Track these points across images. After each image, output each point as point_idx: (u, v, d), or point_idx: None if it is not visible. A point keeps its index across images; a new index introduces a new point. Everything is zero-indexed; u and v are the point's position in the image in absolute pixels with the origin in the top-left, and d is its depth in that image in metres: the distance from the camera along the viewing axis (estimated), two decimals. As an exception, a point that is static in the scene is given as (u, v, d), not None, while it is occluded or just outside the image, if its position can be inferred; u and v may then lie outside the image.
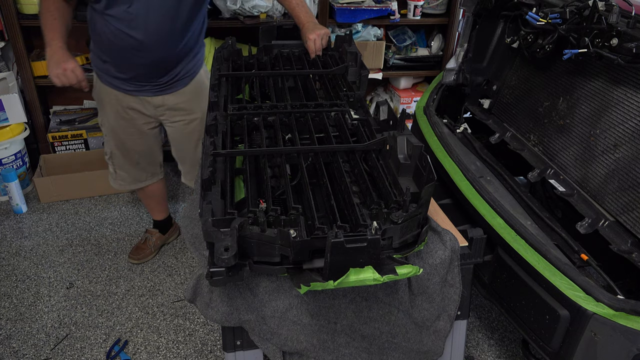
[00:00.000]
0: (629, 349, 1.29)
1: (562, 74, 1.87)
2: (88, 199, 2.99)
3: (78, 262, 2.52)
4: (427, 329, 1.39)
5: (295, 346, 1.29)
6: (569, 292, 1.35)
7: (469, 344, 2.14)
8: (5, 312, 2.22)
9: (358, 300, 1.28)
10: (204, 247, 1.23)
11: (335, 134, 1.48)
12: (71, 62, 1.84)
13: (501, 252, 1.57)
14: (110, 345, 2.08)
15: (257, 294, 1.24)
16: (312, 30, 1.92)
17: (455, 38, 3.38)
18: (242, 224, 1.05)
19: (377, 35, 3.26)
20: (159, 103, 2.08)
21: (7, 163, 2.89)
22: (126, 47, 1.85)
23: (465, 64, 2.22)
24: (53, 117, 3.21)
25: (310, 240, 1.06)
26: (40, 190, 2.92)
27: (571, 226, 1.64)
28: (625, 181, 1.55)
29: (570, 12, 1.64)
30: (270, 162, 1.36)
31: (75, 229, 2.75)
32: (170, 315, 2.24)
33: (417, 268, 1.07)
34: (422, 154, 1.24)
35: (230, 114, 1.50)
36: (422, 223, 1.21)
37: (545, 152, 1.89)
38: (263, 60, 1.95)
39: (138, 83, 2.00)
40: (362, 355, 1.34)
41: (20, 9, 2.81)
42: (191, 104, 2.12)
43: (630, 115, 1.57)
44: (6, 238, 2.67)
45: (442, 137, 1.98)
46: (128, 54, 1.88)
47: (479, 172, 1.91)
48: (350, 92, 1.66)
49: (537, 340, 1.47)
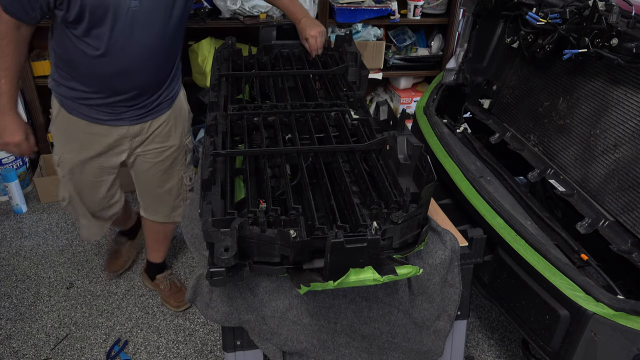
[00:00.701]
0: (629, 349, 1.29)
1: (562, 74, 1.86)
2: (88, 199, 2.99)
3: (78, 262, 2.52)
4: (427, 329, 1.39)
5: (295, 346, 1.29)
6: (569, 292, 1.35)
7: (469, 344, 2.14)
8: (5, 312, 2.22)
9: (358, 300, 1.28)
10: (204, 247, 1.23)
11: (335, 134, 1.48)
12: (23, 131, 1.67)
13: (501, 252, 1.57)
14: (110, 345, 2.08)
15: (257, 294, 1.24)
16: (310, 27, 1.90)
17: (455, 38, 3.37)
18: (242, 224, 1.05)
19: (377, 35, 3.26)
20: (136, 132, 1.84)
21: (7, 163, 2.89)
22: (108, 75, 1.65)
23: (465, 64, 2.22)
24: (53, 117, 3.21)
25: (310, 241, 1.06)
26: (40, 190, 2.92)
27: (571, 226, 1.64)
28: (625, 181, 1.55)
29: (570, 12, 1.64)
30: (270, 162, 1.36)
31: (75, 229, 2.75)
32: (170, 315, 2.24)
33: (417, 268, 1.07)
34: (422, 154, 1.24)
35: (230, 114, 1.50)
36: (422, 223, 1.22)
37: (545, 152, 1.89)
38: (263, 60, 1.95)
39: (117, 111, 1.76)
40: (362, 355, 1.34)
41: (20, 9, 2.81)
42: (170, 130, 1.92)
43: (630, 115, 1.57)
44: (6, 238, 2.67)
45: (442, 137, 1.98)
46: (110, 81, 1.67)
47: (479, 172, 1.91)
48: (350, 92, 1.66)
49: (537, 340, 1.47)
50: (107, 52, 1.59)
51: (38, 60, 2.96)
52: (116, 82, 1.68)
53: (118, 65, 1.63)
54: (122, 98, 1.73)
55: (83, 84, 1.69)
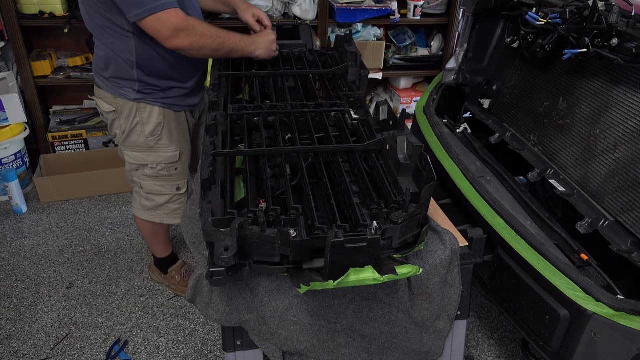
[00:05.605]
0: (629, 349, 1.29)
1: (562, 74, 1.86)
2: (88, 199, 2.99)
3: (78, 262, 2.52)
4: (427, 329, 1.39)
5: (295, 346, 1.29)
6: (569, 292, 1.35)
7: (469, 344, 2.14)
8: (5, 312, 2.22)
9: (358, 300, 1.28)
10: (204, 247, 1.23)
11: (335, 134, 1.48)
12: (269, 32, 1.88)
13: (501, 252, 1.57)
14: (110, 345, 2.08)
15: (257, 294, 1.24)
16: (249, 9, 2.01)
17: (455, 38, 3.38)
18: (242, 224, 1.05)
19: (377, 35, 3.26)
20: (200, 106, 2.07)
21: (7, 163, 2.89)
22: (188, 58, 1.74)
23: (465, 64, 2.22)
24: (53, 117, 3.21)
25: (310, 240, 1.06)
26: (40, 190, 2.92)
27: (571, 226, 1.64)
28: (625, 181, 1.55)
29: (570, 12, 1.64)
30: (270, 162, 1.36)
31: (75, 229, 2.75)
32: (170, 315, 2.24)
33: (417, 268, 1.07)
34: (422, 154, 1.24)
35: (230, 114, 1.50)
36: (422, 223, 1.21)
37: (545, 152, 1.89)
38: (263, 60, 1.95)
39: (199, 88, 1.97)
40: (362, 355, 1.34)
41: (20, 9, 2.82)
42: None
43: (630, 115, 1.57)
44: (6, 238, 2.67)
45: (442, 137, 1.98)
46: (192, 63, 1.83)
47: (479, 172, 1.91)
48: (350, 92, 1.66)
49: (537, 340, 1.47)
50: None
51: (38, 60, 2.97)
52: (193, 62, 1.83)
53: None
54: (198, 76, 1.92)
55: (171, 75, 1.81)
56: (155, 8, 1.52)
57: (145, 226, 2.13)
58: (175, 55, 1.70)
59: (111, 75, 1.78)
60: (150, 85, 1.80)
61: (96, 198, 3.01)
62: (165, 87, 1.83)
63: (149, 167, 1.93)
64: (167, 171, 1.95)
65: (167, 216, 2.06)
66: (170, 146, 1.92)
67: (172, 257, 2.34)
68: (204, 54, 1.67)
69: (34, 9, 2.81)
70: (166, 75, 1.81)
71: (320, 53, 2.04)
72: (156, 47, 1.70)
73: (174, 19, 1.54)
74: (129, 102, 1.81)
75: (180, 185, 2.01)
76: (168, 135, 1.90)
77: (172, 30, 1.55)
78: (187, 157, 2.01)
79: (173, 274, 2.34)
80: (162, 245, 2.27)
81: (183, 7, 1.63)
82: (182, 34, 1.56)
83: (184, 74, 1.85)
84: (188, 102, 1.94)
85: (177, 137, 1.93)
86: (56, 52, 3.16)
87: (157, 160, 1.92)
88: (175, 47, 1.59)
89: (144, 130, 1.86)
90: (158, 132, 1.87)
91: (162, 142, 1.90)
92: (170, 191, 2.00)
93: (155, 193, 1.99)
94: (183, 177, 2.01)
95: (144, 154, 1.91)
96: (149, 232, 2.16)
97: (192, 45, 1.60)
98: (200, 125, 2.13)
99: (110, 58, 1.74)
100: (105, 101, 1.85)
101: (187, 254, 2.60)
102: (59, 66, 3.09)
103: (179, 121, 1.93)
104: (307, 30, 2.16)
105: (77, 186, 2.96)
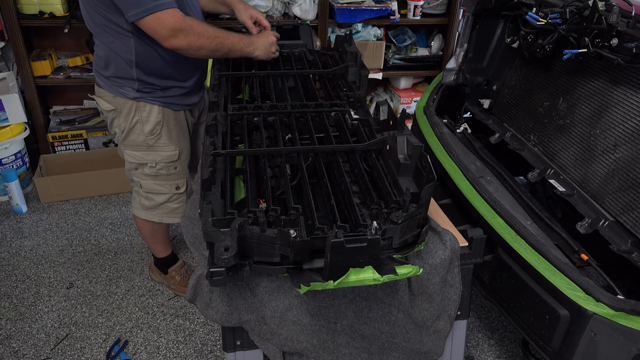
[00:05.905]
0: (629, 349, 1.29)
1: (562, 74, 1.86)
2: (88, 199, 2.99)
3: (78, 262, 2.52)
4: (427, 329, 1.39)
5: (295, 346, 1.29)
6: (569, 292, 1.35)
7: (469, 344, 2.14)
8: (5, 312, 2.22)
9: (358, 300, 1.28)
10: (204, 247, 1.23)
11: (335, 134, 1.48)
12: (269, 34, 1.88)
13: (501, 252, 1.57)
14: (110, 345, 2.08)
15: (257, 294, 1.24)
16: (247, 10, 2.00)
17: (455, 38, 3.38)
18: (242, 224, 1.05)
19: (377, 35, 3.26)
20: (199, 105, 2.07)
21: (7, 163, 2.89)
22: (186, 57, 1.74)
23: (465, 64, 2.22)
24: (53, 117, 3.21)
25: (310, 240, 1.06)
26: (40, 190, 2.92)
27: (571, 226, 1.64)
28: (625, 181, 1.55)
29: (570, 12, 1.64)
30: (270, 162, 1.36)
31: (75, 229, 2.75)
32: (170, 315, 2.24)
33: (417, 268, 1.07)
34: (422, 154, 1.24)
35: (230, 114, 1.50)
36: (422, 223, 1.21)
37: (545, 152, 1.89)
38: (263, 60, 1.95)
39: (198, 87, 1.97)
40: (362, 355, 1.34)
41: (20, 9, 2.82)
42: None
43: (630, 115, 1.57)
44: (6, 238, 2.67)
45: (442, 137, 1.98)
46: (191, 62, 1.83)
47: (479, 172, 1.91)
48: (350, 92, 1.66)
49: (537, 340, 1.47)
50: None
51: (38, 60, 2.97)
52: (193, 62, 1.83)
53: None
54: (198, 75, 1.92)
55: (170, 74, 1.81)
56: (153, 8, 1.52)
57: (145, 225, 2.13)
58: (174, 55, 1.70)
59: (111, 74, 1.79)
60: (150, 84, 1.80)
61: (96, 198, 3.01)
62: (164, 86, 1.83)
63: (148, 166, 1.93)
64: (166, 170, 1.95)
65: (166, 215, 2.06)
66: (169, 145, 1.92)
67: (172, 257, 2.34)
68: (203, 54, 1.67)
69: (34, 9, 2.82)
70: (165, 75, 1.81)
71: (320, 53, 2.04)
72: (155, 47, 1.70)
73: (172, 19, 1.55)
74: (128, 100, 1.82)
75: (179, 184, 2.01)
76: (167, 134, 1.90)
77: (170, 30, 1.55)
78: (186, 156, 2.02)
79: (173, 274, 2.34)
80: (161, 244, 2.27)
81: (182, 7, 1.64)
82: (180, 34, 1.57)
83: (183, 73, 1.85)
84: (187, 101, 1.94)
85: (177, 136, 1.93)
86: (56, 52, 3.16)
87: (157, 159, 1.92)
88: (173, 47, 1.60)
89: (143, 129, 1.86)
90: (157, 130, 1.87)
91: (162, 141, 1.90)
92: (169, 190, 2.00)
93: (155, 192, 2.00)
94: (182, 176, 2.01)
95: (143, 152, 1.91)
96: (149, 232, 2.17)
97: (190, 45, 1.61)
98: (200, 125, 2.13)
99: (110, 57, 1.75)
100: (105, 100, 1.86)
101: (187, 254, 2.60)
102: (59, 66, 3.10)
103: (178, 120, 1.93)
104: (307, 30, 2.16)
105: (77, 186, 2.96)
